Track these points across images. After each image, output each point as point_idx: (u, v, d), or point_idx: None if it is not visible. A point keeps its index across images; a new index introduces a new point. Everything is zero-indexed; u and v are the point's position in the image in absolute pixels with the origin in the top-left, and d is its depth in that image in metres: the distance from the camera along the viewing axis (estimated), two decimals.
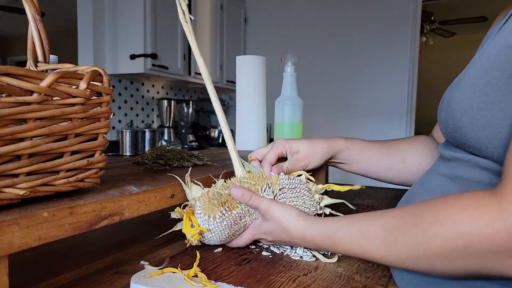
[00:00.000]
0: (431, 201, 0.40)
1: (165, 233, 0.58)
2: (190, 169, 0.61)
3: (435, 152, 0.63)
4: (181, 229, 0.57)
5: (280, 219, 0.53)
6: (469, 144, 0.42)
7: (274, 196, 0.58)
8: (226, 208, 0.54)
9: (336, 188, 0.63)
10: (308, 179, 0.64)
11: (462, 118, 0.42)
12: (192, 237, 0.55)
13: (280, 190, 0.58)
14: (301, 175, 0.65)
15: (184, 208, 0.56)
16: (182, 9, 0.52)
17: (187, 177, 0.57)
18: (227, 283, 0.48)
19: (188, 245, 0.59)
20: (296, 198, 0.59)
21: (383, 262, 0.44)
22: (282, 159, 0.68)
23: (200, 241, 0.61)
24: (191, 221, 0.55)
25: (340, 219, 0.50)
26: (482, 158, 0.42)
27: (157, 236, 0.60)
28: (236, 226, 0.56)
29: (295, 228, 0.52)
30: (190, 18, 0.53)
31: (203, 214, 0.54)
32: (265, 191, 0.57)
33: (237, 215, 0.55)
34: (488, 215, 0.34)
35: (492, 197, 0.35)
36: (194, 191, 0.57)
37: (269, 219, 0.54)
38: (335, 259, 0.57)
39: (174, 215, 0.57)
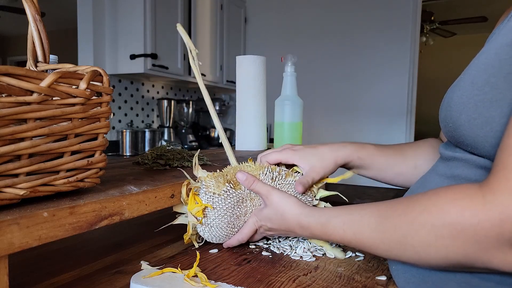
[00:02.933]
0: (422, 193, 0.41)
1: (166, 225, 0.58)
2: (198, 151, 0.64)
3: None
4: (182, 223, 0.58)
5: (278, 205, 0.55)
6: (467, 143, 0.42)
7: (273, 181, 0.60)
8: (231, 185, 0.57)
9: (330, 180, 0.64)
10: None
11: (461, 117, 0.42)
12: (195, 214, 0.56)
13: (279, 174, 0.61)
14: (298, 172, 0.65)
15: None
16: (192, 56, 0.61)
17: (195, 158, 0.59)
18: (227, 283, 0.48)
19: (186, 240, 0.59)
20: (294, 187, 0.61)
21: (374, 251, 0.44)
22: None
23: (199, 238, 0.62)
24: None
25: (336, 208, 0.51)
26: (480, 157, 0.42)
27: (157, 229, 0.60)
28: (238, 210, 0.58)
29: (292, 215, 0.53)
30: (199, 63, 0.63)
31: (208, 191, 0.56)
32: (265, 174, 0.60)
33: (240, 195, 0.57)
34: (473, 205, 0.35)
35: (478, 189, 0.36)
36: (200, 172, 0.59)
37: (269, 204, 0.56)
38: (340, 251, 0.59)
39: (177, 208, 0.57)
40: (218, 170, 0.61)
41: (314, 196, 0.64)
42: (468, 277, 0.40)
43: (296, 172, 0.64)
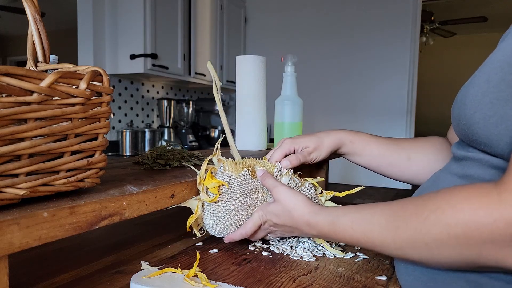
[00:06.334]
0: (435, 191, 0.40)
1: (175, 205, 0.57)
2: (222, 137, 0.67)
3: (446, 153, 0.63)
4: (188, 220, 0.59)
5: (286, 201, 0.55)
6: (481, 141, 0.41)
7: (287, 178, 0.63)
8: (249, 171, 0.59)
9: (338, 194, 0.66)
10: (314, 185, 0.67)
11: (475, 115, 0.41)
12: (211, 191, 0.57)
13: (293, 175, 0.64)
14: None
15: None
16: (216, 87, 0.66)
17: (217, 144, 0.62)
18: (227, 283, 0.48)
19: (188, 224, 0.59)
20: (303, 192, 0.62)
21: (384, 250, 0.44)
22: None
23: (200, 230, 0.62)
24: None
25: (345, 207, 0.50)
26: (493, 157, 0.42)
27: (158, 228, 0.59)
28: (249, 199, 0.59)
29: (300, 213, 0.53)
30: (221, 94, 0.68)
31: (226, 173, 0.58)
32: (280, 172, 0.63)
33: (254, 184, 0.59)
34: (487, 204, 0.34)
35: (494, 187, 0.35)
36: (219, 156, 0.62)
37: (277, 200, 0.56)
38: (340, 251, 0.60)
39: (188, 204, 0.58)
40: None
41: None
42: (478, 276, 0.39)
43: (308, 182, 0.66)
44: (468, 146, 0.46)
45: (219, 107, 0.67)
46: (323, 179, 0.68)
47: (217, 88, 0.67)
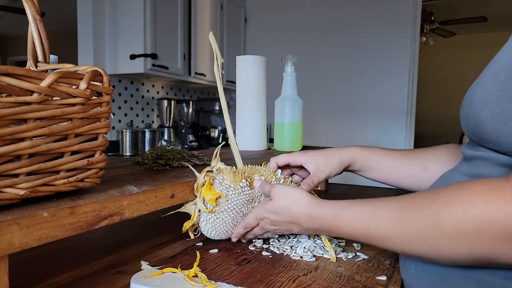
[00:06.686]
0: (445, 186, 0.40)
1: (172, 212, 0.58)
2: (222, 143, 0.66)
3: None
4: (184, 224, 0.59)
5: (285, 200, 0.54)
6: (490, 139, 0.41)
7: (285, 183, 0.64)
8: (247, 183, 0.59)
9: None
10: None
11: (483, 112, 0.41)
12: (209, 202, 0.57)
13: (291, 182, 0.66)
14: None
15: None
16: (217, 63, 0.63)
17: (218, 149, 0.61)
18: (227, 283, 0.48)
19: (184, 228, 0.59)
20: None
21: (390, 245, 0.43)
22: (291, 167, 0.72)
23: (195, 231, 0.62)
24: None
25: (349, 200, 0.49)
26: (502, 155, 0.41)
27: (164, 215, 0.59)
28: (246, 209, 0.59)
29: (300, 206, 0.52)
30: (222, 72, 0.65)
31: (224, 183, 0.58)
32: (278, 179, 0.64)
33: (251, 194, 0.59)
34: (499, 199, 0.34)
35: (505, 182, 0.35)
36: (219, 164, 0.61)
37: (275, 199, 0.55)
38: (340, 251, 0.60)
39: (185, 209, 0.58)
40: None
41: None
42: (488, 276, 0.39)
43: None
44: (477, 146, 0.46)
45: (219, 87, 0.64)
46: (318, 187, 0.68)
47: (218, 65, 0.64)
